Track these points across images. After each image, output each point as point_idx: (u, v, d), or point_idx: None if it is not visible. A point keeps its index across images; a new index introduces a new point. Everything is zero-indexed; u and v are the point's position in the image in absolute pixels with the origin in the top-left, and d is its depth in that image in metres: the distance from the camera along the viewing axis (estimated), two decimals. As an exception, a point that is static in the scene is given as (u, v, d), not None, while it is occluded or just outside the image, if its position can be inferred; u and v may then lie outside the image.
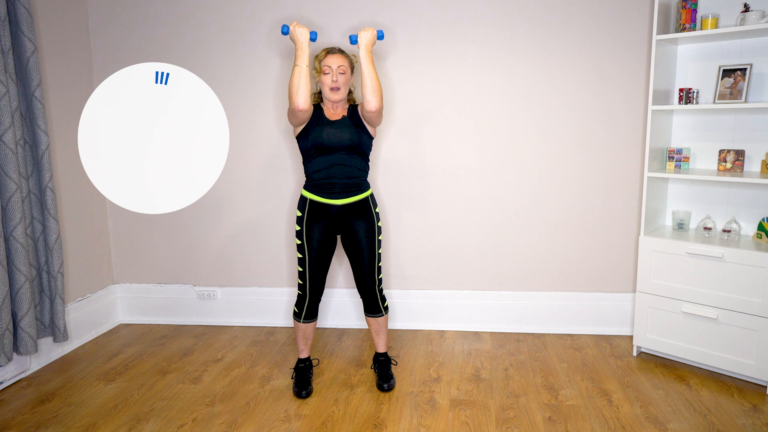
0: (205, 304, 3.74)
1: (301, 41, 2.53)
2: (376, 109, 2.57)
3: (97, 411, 2.68)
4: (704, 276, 2.86)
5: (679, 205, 3.23)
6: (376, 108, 2.57)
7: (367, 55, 2.56)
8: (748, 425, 2.47)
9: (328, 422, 2.55)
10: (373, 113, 2.59)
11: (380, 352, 2.93)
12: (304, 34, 2.54)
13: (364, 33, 2.58)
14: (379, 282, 2.82)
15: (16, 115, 2.80)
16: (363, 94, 2.56)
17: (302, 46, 2.53)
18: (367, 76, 2.54)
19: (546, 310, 3.50)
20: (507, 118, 3.37)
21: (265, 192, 3.58)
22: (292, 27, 2.55)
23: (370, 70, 2.55)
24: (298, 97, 2.50)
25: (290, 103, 2.54)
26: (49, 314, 3.07)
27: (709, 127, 3.10)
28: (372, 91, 2.54)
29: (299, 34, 2.54)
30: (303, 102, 2.51)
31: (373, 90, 2.54)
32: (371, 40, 2.58)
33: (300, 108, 2.52)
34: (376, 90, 2.55)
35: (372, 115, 2.61)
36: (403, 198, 3.50)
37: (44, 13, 3.16)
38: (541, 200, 3.42)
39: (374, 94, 2.55)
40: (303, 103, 2.51)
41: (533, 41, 3.29)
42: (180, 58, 3.45)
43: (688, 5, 2.89)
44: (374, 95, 2.55)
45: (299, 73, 2.51)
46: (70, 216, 3.37)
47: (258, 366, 3.12)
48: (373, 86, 2.54)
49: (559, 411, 2.61)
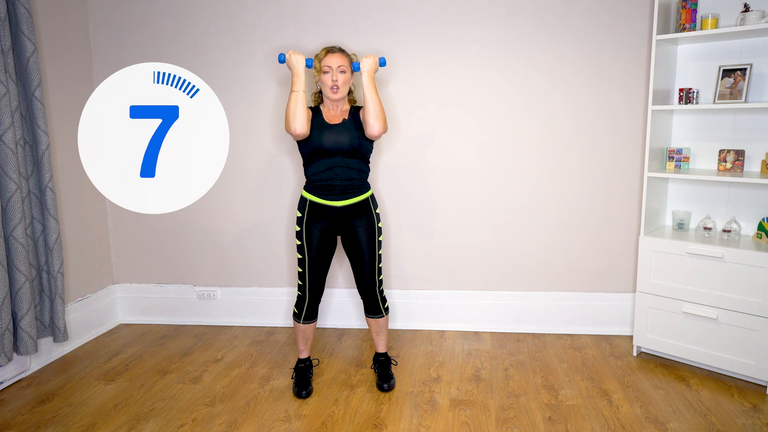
0: (205, 304, 3.74)
1: (298, 68, 2.60)
2: (380, 133, 2.63)
3: (97, 411, 2.68)
4: (704, 276, 2.86)
5: (679, 205, 3.23)
6: (380, 133, 2.63)
7: (370, 81, 2.62)
8: (748, 425, 2.47)
9: (328, 422, 2.55)
10: (376, 137, 2.65)
11: (380, 352, 2.93)
12: (300, 62, 2.60)
13: (367, 60, 2.65)
14: (380, 283, 2.82)
15: (16, 115, 2.80)
16: (366, 119, 2.61)
17: (298, 72, 2.60)
18: (370, 102, 2.59)
19: (546, 310, 3.50)
20: (507, 118, 3.37)
21: (265, 192, 3.58)
22: (288, 55, 2.61)
23: (372, 95, 2.60)
24: (296, 122, 2.57)
25: (287, 128, 2.60)
26: (49, 314, 3.07)
27: (709, 127, 3.10)
28: (375, 116, 2.59)
29: (295, 62, 2.60)
30: (300, 127, 2.57)
31: (376, 115, 2.59)
32: (373, 66, 2.65)
33: (297, 133, 2.59)
34: (379, 115, 2.60)
35: (375, 138, 2.67)
36: (403, 198, 3.50)
37: (44, 13, 3.16)
38: (541, 200, 3.42)
39: (377, 118, 2.60)
40: (300, 129, 2.57)
41: (533, 41, 3.29)
42: (180, 58, 3.45)
43: (688, 5, 2.89)
44: (377, 120, 2.60)
45: (296, 99, 2.57)
46: (70, 216, 3.37)
47: (258, 366, 3.12)
48: (376, 111, 2.59)
49: (559, 411, 2.61)
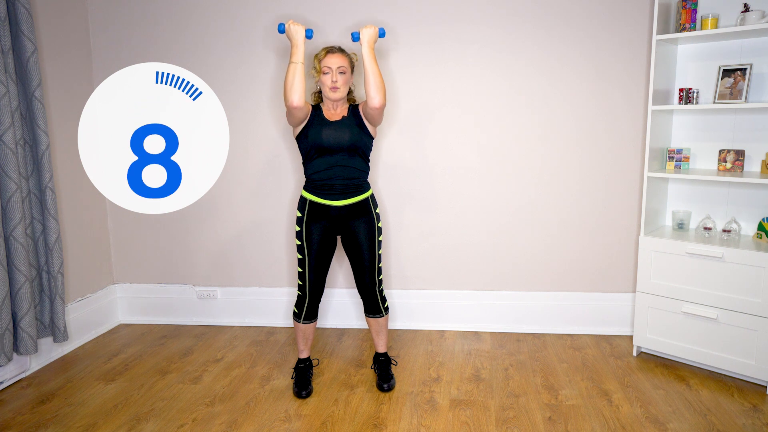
0: (205, 304, 3.74)
1: (297, 39, 2.55)
2: (380, 105, 2.56)
3: (97, 411, 2.68)
4: (704, 276, 2.86)
5: (679, 205, 3.23)
6: (380, 104, 2.56)
7: (370, 52, 2.56)
8: (748, 425, 2.47)
9: (328, 422, 2.55)
10: (376, 109, 2.58)
11: (380, 352, 2.93)
12: (299, 32, 2.55)
13: (366, 30, 2.58)
14: (380, 283, 2.82)
15: (16, 115, 2.80)
16: (366, 91, 2.56)
17: (298, 43, 2.54)
18: (370, 73, 2.54)
19: (546, 310, 3.50)
20: (507, 118, 3.37)
21: (265, 192, 3.59)
22: (288, 25, 2.57)
23: (372, 66, 2.55)
24: (293, 93, 2.51)
25: (285, 101, 2.54)
26: (49, 314, 3.07)
27: (709, 127, 3.10)
28: (375, 88, 2.54)
29: (294, 32, 2.55)
30: (297, 99, 2.51)
31: (377, 86, 2.54)
32: (373, 36, 2.59)
33: (294, 105, 2.52)
34: (379, 86, 2.54)
35: (375, 111, 2.60)
36: (403, 198, 3.50)
37: (44, 13, 3.16)
38: (541, 200, 3.42)
39: (378, 90, 2.54)
40: (297, 100, 2.51)
41: (533, 41, 3.29)
42: (180, 58, 3.45)
43: (688, 5, 2.89)
44: (378, 92, 2.54)
45: (294, 70, 2.52)
46: (70, 216, 3.37)
47: (258, 366, 3.12)
48: (376, 83, 2.54)
49: (559, 411, 2.61)
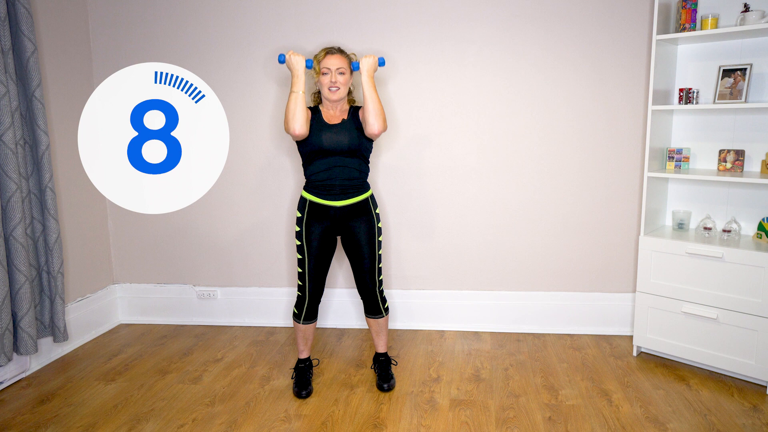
0: (205, 304, 3.74)
1: (297, 69, 2.60)
2: (379, 132, 2.64)
3: (97, 411, 2.68)
4: (704, 276, 2.86)
5: (679, 205, 3.23)
6: (379, 131, 2.64)
7: (369, 81, 2.62)
8: (748, 425, 2.47)
9: (328, 422, 2.55)
10: (375, 136, 2.66)
11: (380, 352, 2.93)
12: (299, 62, 2.60)
13: (366, 60, 2.65)
14: (380, 283, 2.82)
15: (16, 115, 2.80)
16: (366, 118, 2.62)
17: (298, 73, 2.60)
18: (369, 101, 2.60)
19: (546, 310, 3.50)
20: (507, 118, 3.37)
21: (264, 192, 3.59)
22: (288, 56, 2.61)
23: (372, 94, 2.60)
24: (295, 122, 2.57)
25: (286, 129, 2.61)
26: (49, 314, 3.07)
27: (709, 127, 3.10)
28: (375, 115, 2.60)
29: (295, 62, 2.60)
30: (299, 128, 2.58)
31: (376, 114, 2.60)
32: (373, 66, 2.66)
33: (296, 134, 2.59)
34: (378, 113, 2.61)
35: (374, 137, 2.67)
36: (403, 198, 3.50)
37: (44, 13, 3.16)
38: (541, 200, 3.42)
39: (377, 117, 2.60)
40: (299, 129, 2.58)
41: (533, 41, 3.29)
42: (180, 58, 3.45)
43: (688, 5, 2.89)
44: (377, 119, 2.61)
45: (295, 99, 2.57)
46: (70, 216, 3.37)
47: (258, 366, 3.12)
48: (375, 110, 2.60)
49: (559, 411, 2.61)
